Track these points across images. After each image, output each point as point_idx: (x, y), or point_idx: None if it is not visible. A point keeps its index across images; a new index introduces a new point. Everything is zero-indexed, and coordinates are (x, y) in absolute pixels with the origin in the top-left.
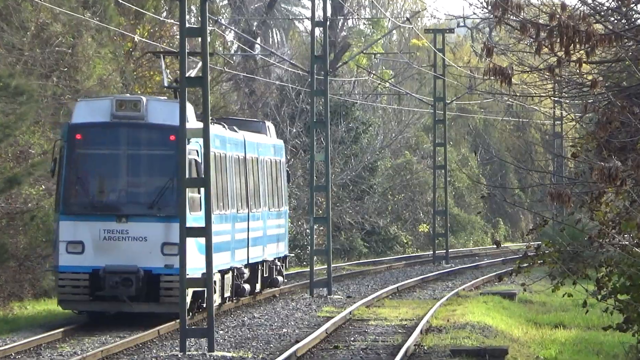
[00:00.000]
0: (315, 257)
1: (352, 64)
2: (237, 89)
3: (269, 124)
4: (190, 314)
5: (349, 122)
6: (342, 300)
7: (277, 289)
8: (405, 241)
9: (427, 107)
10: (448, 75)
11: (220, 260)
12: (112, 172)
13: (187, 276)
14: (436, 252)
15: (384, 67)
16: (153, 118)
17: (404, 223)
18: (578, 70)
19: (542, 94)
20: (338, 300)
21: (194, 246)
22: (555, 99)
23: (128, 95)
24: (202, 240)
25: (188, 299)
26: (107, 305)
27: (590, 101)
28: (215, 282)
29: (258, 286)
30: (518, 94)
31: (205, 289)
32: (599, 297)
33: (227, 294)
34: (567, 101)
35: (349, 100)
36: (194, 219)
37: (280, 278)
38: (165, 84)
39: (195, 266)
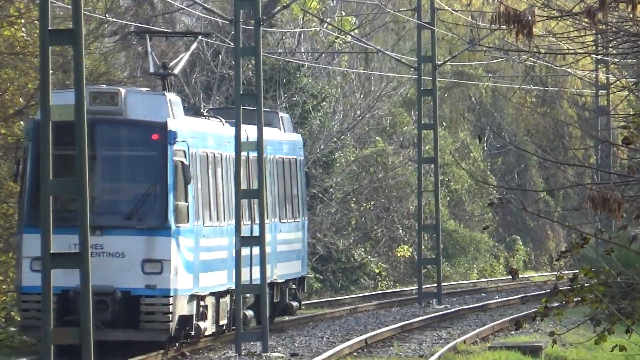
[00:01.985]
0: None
1: (296, 9)
2: (127, 47)
3: (282, 115)
4: (177, 344)
5: (293, 95)
6: None
7: (291, 317)
8: (377, 271)
9: (409, 72)
10: (439, 24)
11: (213, 281)
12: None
13: (171, 298)
14: (423, 286)
15: (343, 13)
16: (133, 113)
17: (375, 244)
18: (632, 15)
19: (578, 50)
20: None
21: (180, 264)
22: (599, 57)
23: (104, 86)
24: (190, 257)
25: (173, 325)
26: (78, 332)
27: None
28: (206, 307)
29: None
30: (543, 51)
31: (193, 314)
32: None
33: (223, 322)
34: (616, 60)
35: (292, 62)
36: (180, 231)
37: (295, 304)
38: (152, 71)
39: (181, 287)
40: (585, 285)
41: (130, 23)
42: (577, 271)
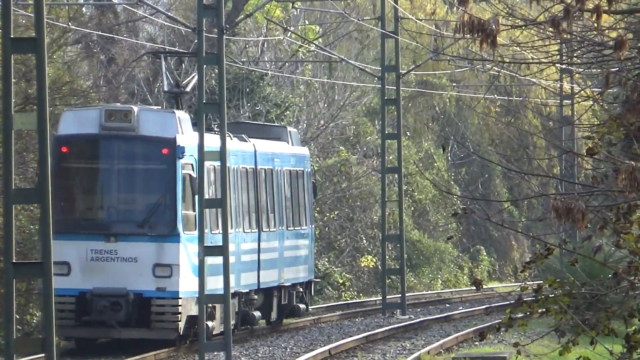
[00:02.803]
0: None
1: (259, 18)
2: (90, 55)
3: (291, 129)
4: (187, 341)
5: (256, 103)
6: None
7: (299, 319)
8: (340, 281)
9: (373, 81)
10: (403, 33)
11: (221, 285)
12: (101, 187)
13: (180, 299)
14: (387, 297)
15: (307, 22)
16: (145, 129)
17: (339, 254)
18: (596, 24)
19: (542, 60)
20: None
21: (188, 268)
22: (563, 66)
23: (118, 104)
24: (197, 261)
25: (182, 325)
26: (94, 331)
27: (614, 70)
28: (214, 308)
29: (274, 314)
30: (507, 61)
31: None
32: None
33: (231, 322)
34: (580, 70)
35: (255, 70)
36: (188, 238)
37: (302, 306)
38: (166, 89)
39: (189, 289)
40: (550, 296)
41: (93, 32)
42: (541, 282)
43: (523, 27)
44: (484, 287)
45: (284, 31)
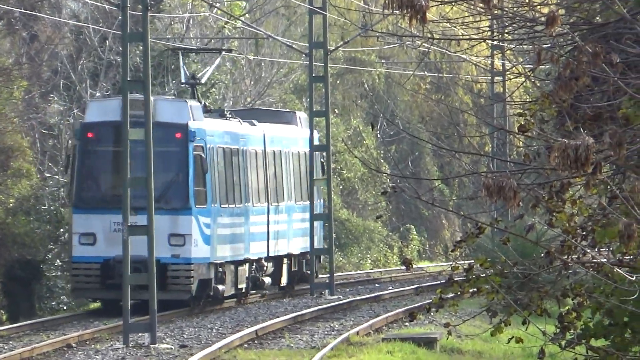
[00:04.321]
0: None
1: None
2: (12, 32)
3: (300, 114)
4: (200, 303)
5: (182, 81)
6: (172, 352)
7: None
8: None
9: (300, 58)
10: (331, 9)
11: (230, 252)
12: (122, 168)
13: (192, 265)
14: (316, 277)
15: None
16: (161, 116)
17: None
18: (527, 0)
19: (473, 36)
20: (166, 353)
21: (199, 237)
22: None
23: (137, 95)
24: (208, 232)
25: (194, 287)
26: (117, 293)
27: (546, 46)
28: (224, 273)
29: (284, 280)
30: (437, 37)
31: (212, 278)
32: (564, 342)
33: (242, 286)
34: (512, 47)
35: (181, 48)
36: (199, 211)
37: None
38: (183, 81)
39: (200, 256)
40: (481, 275)
41: (15, 9)
42: (472, 261)
43: (453, 3)
44: (414, 266)
45: (209, 7)
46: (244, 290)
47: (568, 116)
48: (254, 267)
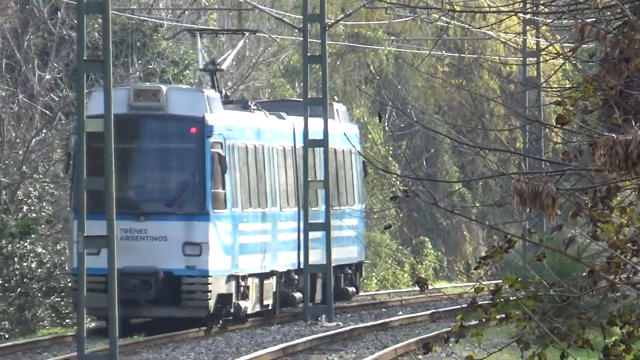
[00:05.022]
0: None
1: None
2: None
3: (338, 106)
4: (220, 322)
5: (149, 61)
6: None
7: (345, 302)
8: None
9: (293, 34)
10: None
11: (255, 263)
12: (130, 167)
13: (210, 277)
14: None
15: None
16: (173, 108)
17: None
18: None
19: (502, 9)
20: None
21: (218, 246)
22: (527, 16)
23: (147, 84)
24: (228, 240)
25: (212, 303)
26: (124, 309)
27: (590, 20)
28: (247, 287)
29: (318, 296)
30: (458, 9)
31: (232, 293)
32: None
33: (267, 302)
34: (549, 21)
35: (148, 21)
36: (217, 217)
37: (351, 289)
38: (201, 67)
39: (219, 268)
40: (511, 299)
41: None
42: (500, 282)
43: None
44: (430, 287)
45: None
46: (270, 307)
47: (616, 106)
48: (282, 280)
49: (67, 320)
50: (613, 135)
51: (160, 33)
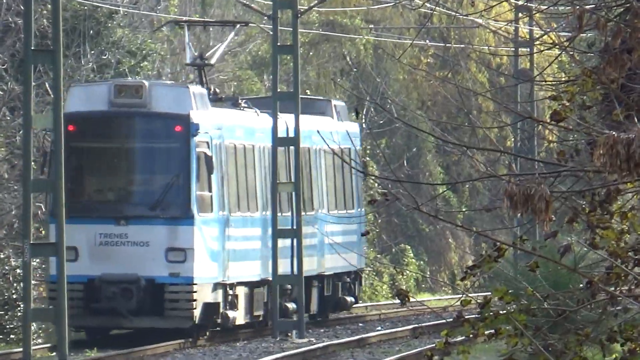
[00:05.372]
0: (37, 325)
1: None
2: None
3: (337, 103)
4: (207, 333)
5: (103, 51)
6: None
7: (345, 312)
8: None
9: (261, 21)
10: None
11: (244, 271)
12: (110, 168)
13: (195, 285)
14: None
15: None
16: (157, 106)
17: None
18: None
19: None
20: None
21: (204, 252)
22: (519, 2)
23: (129, 79)
24: (214, 245)
25: (197, 313)
26: (103, 319)
27: (589, 7)
28: (236, 296)
29: (314, 307)
30: None
31: (219, 302)
32: None
33: (258, 312)
34: (543, 8)
35: (102, 7)
36: (203, 221)
37: (350, 299)
38: (188, 61)
39: (205, 275)
40: (501, 312)
41: None
42: (488, 294)
43: None
44: (411, 300)
45: None
46: (262, 319)
47: (617, 101)
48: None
49: (12, 336)
50: (614, 133)
51: (115, 21)
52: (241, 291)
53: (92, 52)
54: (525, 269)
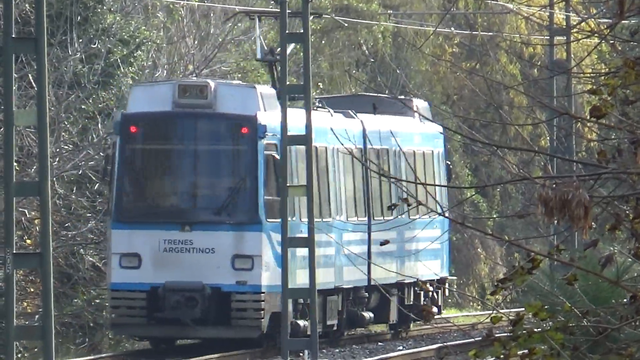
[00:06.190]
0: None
1: None
2: None
3: (419, 102)
4: (276, 342)
5: (92, 39)
6: None
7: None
8: None
9: (268, 6)
10: None
11: (317, 278)
12: (174, 171)
13: (262, 294)
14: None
15: None
16: (223, 106)
17: None
18: None
19: None
20: None
21: (272, 259)
22: None
23: (194, 78)
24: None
25: (265, 322)
26: (167, 329)
27: None
28: (307, 305)
29: (393, 316)
30: None
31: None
32: None
33: (332, 322)
34: None
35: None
36: (271, 227)
37: (433, 309)
38: (259, 56)
39: (273, 283)
40: (535, 331)
41: None
42: (522, 310)
43: None
44: (436, 317)
45: None
46: (336, 328)
47: None
48: (350, 298)
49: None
50: None
51: (105, 5)
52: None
53: (80, 40)
54: (562, 282)
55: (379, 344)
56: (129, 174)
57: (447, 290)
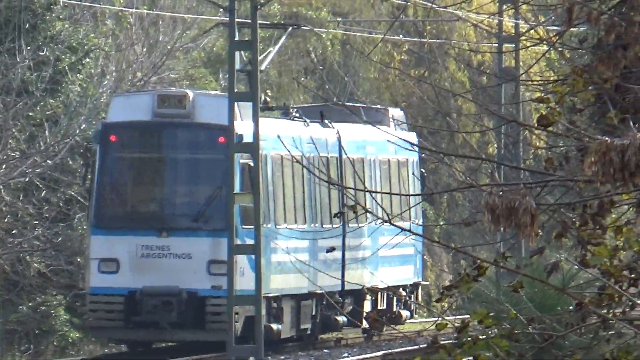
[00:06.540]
0: None
1: None
2: None
3: (394, 111)
4: (249, 345)
5: (41, 47)
6: None
7: (400, 326)
8: None
9: (217, 13)
10: None
11: (289, 284)
12: (152, 179)
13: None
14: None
15: None
16: (200, 116)
17: None
18: None
19: None
20: None
21: (246, 263)
22: None
23: (173, 89)
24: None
25: (239, 325)
26: (144, 332)
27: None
28: (281, 309)
29: (364, 321)
30: None
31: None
32: None
33: (305, 326)
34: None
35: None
36: (247, 233)
37: (405, 312)
38: (238, 67)
39: (248, 287)
40: (480, 338)
41: None
42: (467, 317)
43: None
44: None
45: None
46: (309, 332)
47: (612, 103)
48: (324, 302)
49: None
50: (607, 138)
51: (54, 13)
52: (286, 304)
53: (28, 47)
54: (508, 289)
55: (324, 350)
56: (109, 181)
57: (419, 295)
